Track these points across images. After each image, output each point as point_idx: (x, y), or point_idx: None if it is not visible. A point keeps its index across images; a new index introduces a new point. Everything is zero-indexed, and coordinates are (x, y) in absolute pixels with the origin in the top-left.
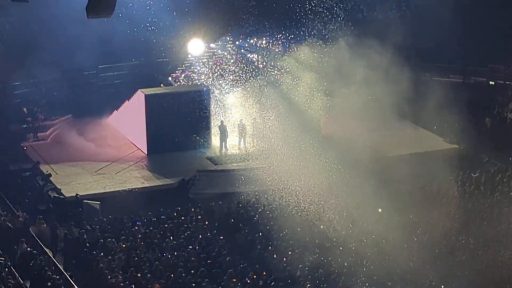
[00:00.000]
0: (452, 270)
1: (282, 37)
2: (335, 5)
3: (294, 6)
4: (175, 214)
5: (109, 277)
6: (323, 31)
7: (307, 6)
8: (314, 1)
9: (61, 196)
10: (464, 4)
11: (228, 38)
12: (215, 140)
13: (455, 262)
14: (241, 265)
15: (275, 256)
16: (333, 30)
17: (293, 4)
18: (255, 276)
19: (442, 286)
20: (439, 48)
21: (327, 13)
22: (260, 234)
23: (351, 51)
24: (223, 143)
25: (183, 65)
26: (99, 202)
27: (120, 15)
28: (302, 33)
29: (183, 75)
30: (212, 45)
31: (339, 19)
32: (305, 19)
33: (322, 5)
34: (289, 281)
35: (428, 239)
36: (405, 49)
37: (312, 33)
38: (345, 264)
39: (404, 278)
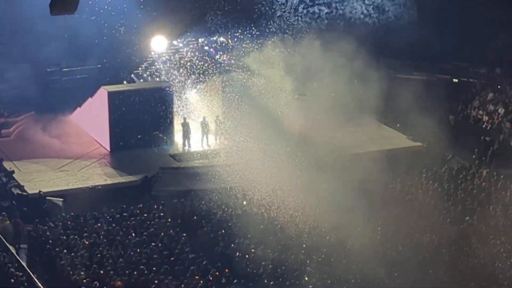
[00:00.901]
0: (415, 268)
1: (246, 34)
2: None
3: (259, 2)
4: (138, 211)
5: (72, 273)
6: (287, 27)
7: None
8: None
9: (24, 193)
10: (428, 2)
11: (191, 35)
12: (178, 137)
13: (419, 260)
14: (204, 263)
15: (237, 253)
16: (298, 26)
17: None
18: (217, 273)
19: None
20: (403, 46)
21: (292, 9)
22: (223, 231)
23: (316, 48)
24: (186, 141)
25: (146, 62)
26: (62, 199)
27: (85, 10)
28: (266, 30)
29: (146, 72)
30: (175, 42)
31: (303, 15)
32: (269, 16)
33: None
34: (252, 278)
35: (392, 237)
36: (370, 46)
37: (277, 30)
38: (308, 261)
39: (366, 275)
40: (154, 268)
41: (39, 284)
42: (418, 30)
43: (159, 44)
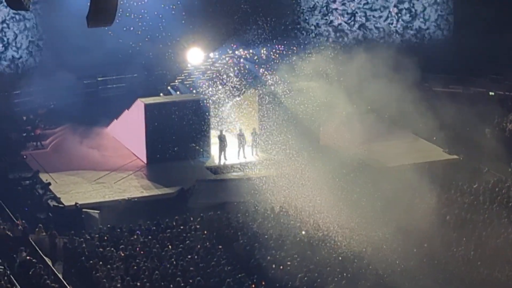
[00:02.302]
0: (448, 281)
1: (281, 47)
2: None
3: (295, 16)
4: (174, 223)
5: (107, 285)
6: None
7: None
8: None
9: (61, 205)
10: (465, 14)
11: (227, 48)
12: (214, 149)
13: (452, 273)
14: (240, 275)
15: (273, 266)
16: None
17: (294, 14)
18: (253, 286)
19: None
20: (439, 59)
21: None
22: (259, 244)
23: (352, 61)
24: (223, 153)
25: (182, 75)
26: (98, 211)
27: (122, 22)
28: (300, 43)
29: (182, 84)
30: (211, 54)
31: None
32: (301, 30)
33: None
34: None
35: (427, 249)
36: (407, 59)
37: (310, 42)
38: (344, 274)
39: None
40: (189, 281)
41: None
42: (455, 43)
43: (195, 56)
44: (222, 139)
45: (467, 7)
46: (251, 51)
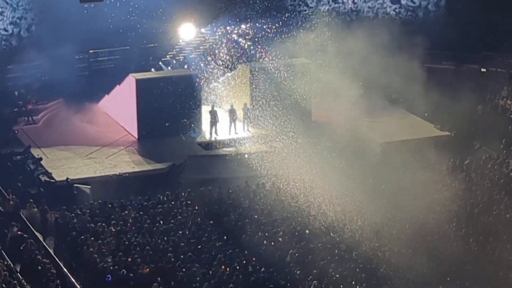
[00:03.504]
0: (440, 259)
1: (274, 22)
2: None
3: None
4: (165, 199)
5: (98, 261)
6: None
7: None
8: None
9: (52, 180)
10: None
11: (219, 23)
12: (205, 125)
13: (443, 249)
14: (231, 251)
15: (264, 241)
16: (321, 16)
17: None
18: (244, 262)
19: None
20: (431, 35)
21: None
22: (250, 219)
23: (342, 36)
24: (214, 128)
25: (174, 50)
26: (89, 186)
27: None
28: (294, 18)
29: (174, 60)
30: (203, 30)
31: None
32: (295, 6)
33: None
34: (279, 267)
35: (420, 227)
36: (398, 36)
37: (305, 18)
38: (336, 251)
39: (394, 264)
40: (181, 256)
41: (66, 271)
42: (447, 20)
43: (187, 32)
44: (213, 115)
45: None
46: (243, 26)
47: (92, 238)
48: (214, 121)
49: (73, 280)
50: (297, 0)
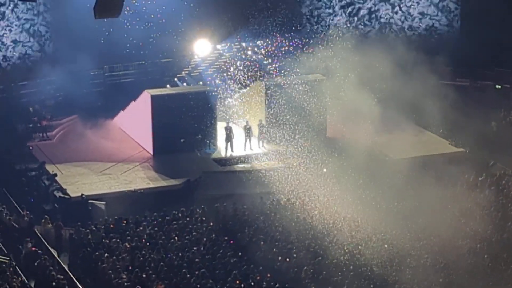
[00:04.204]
0: (457, 273)
1: (289, 38)
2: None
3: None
4: (180, 215)
5: (113, 277)
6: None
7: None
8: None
9: (67, 196)
10: (472, 7)
11: (235, 39)
12: (220, 141)
13: (461, 266)
14: (245, 267)
15: (279, 258)
16: (336, 32)
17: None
18: (259, 278)
19: None
20: (446, 52)
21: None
22: (265, 235)
23: (357, 52)
24: (229, 145)
25: (189, 66)
26: (104, 203)
27: (130, 13)
28: (307, 34)
29: (189, 76)
30: (218, 46)
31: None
32: (309, 21)
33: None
34: (293, 283)
35: (435, 243)
36: (413, 52)
37: (317, 34)
38: (351, 267)
39: (410, 283)
40: (195, 272)
41: (81, 287)
42: (461, 36)
43: (202, 48)
44: (228, 131)
45: (475, 0)
46: (258, 42)
47: (107, 254)
48: (229, 137)
49: None
50: (314, 16)
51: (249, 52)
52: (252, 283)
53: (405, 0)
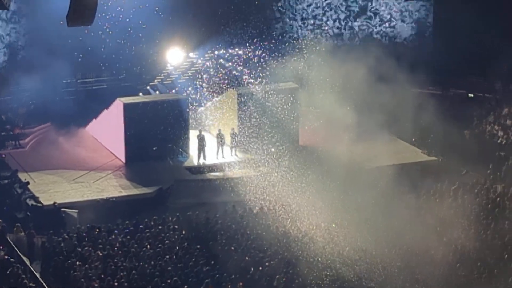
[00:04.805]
0: (431, 282)
1: (261, 47)
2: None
3: (275, 18)
4: (153, 223)
5: (85, 285)
6: (300, 40)
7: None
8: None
9: (39, 204)
10: (444, 17)
11: (207, 48)
12: (193, 149)
13: (433, 274)
14: (218, 275)
15: (252, 266)
16: (309, 41)
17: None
18: (231, 286)
19: None
20: (418, 60)
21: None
22: (237, 244)
23: (331, 61)
24: (202, 153)
25: (162, 74)
26: (77, 211)
27: (101, 22)
28: (280, 42)
29: (162, 84)
30: (191, 54)
31: (317, 28)
32: (282, 29)
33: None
34: None
35: (408, 252)
36: (385, 60)
37: (290, 42)
38: (324, 278)
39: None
40: (168, 281)
41: None
42: (433, 45)
43: (175, 56)
44: (201, 139)
45: (446, 8)
46: (231, 51)
47: (79, 262)
48: (202, 145)
49: None
50: (285, 25)
51: (222, 61)
52: None
53: (378, 8)
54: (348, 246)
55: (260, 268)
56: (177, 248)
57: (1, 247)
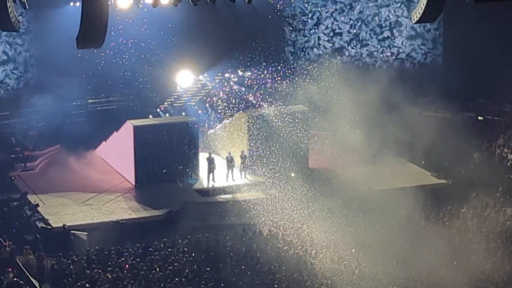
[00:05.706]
0: None
1: (271, 69)
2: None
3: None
4: (162, 246)
5: None
6: (310, 63)
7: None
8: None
9: (48, 226)
10: (453, 40)
11: (217, 70)
12: (203, 172)
13: None
14: None
15: None
16: (319, 64)
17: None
18: None
19: None
20: (428, 83)
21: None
22: (247, 266)
23: (341, 84)
24: (211, 175)
25: (172, 97)
26: (86, 233)
27: (112, 44)
28: (290, 65)
29: (171, 107)
30: (200, 77)
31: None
32: (292, 52)
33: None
34: None
35: (415, 275)
36: (395, 84)
37: (300, 66)
38: None
39: None
40: None
41: None
42: (444, 67)
43: (184, 79)
44: (210, 162)
45: (457, 32)
46: (241, 73)
47: (88, 285)
48: (211, 168)
49: None
50: (296, 48)
51: (232, 83)
52: None
53: (389, 30)
54: (357, 270)
55: None
56: (187, 270)
57: (10, 270)
